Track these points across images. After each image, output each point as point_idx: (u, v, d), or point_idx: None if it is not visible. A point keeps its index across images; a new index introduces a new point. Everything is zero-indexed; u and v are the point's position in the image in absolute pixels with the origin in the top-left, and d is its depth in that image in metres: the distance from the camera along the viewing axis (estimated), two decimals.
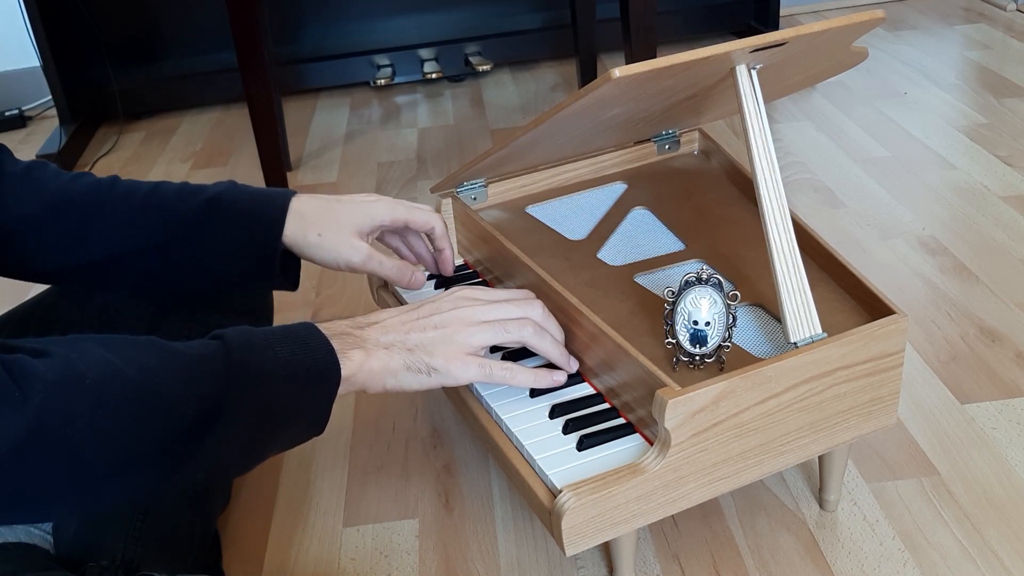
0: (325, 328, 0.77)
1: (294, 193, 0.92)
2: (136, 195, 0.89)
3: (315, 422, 0.75)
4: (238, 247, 0.90)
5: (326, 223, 0.91)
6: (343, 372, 0.75)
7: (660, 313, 0.89)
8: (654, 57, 0.97)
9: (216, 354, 0.69)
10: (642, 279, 0.96)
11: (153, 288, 0.94)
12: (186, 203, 0.89)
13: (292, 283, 0.96)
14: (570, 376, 0.87)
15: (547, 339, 0.85)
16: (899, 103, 1.93)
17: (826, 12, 2.55)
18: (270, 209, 0.91)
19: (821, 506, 0.95)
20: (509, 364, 0.84)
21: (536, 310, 0.85)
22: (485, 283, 1.04)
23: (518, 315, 0.84)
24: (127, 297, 0.95)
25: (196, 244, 0.89)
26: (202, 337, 0.73)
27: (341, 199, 0.94)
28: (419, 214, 0.96)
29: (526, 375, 0.85)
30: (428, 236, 1.00)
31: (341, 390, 0.75)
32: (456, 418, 1.13)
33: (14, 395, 0.59)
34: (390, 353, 0.79)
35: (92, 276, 0.91)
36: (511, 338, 0.83)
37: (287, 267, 0.94)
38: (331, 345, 0.75)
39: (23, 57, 2.27)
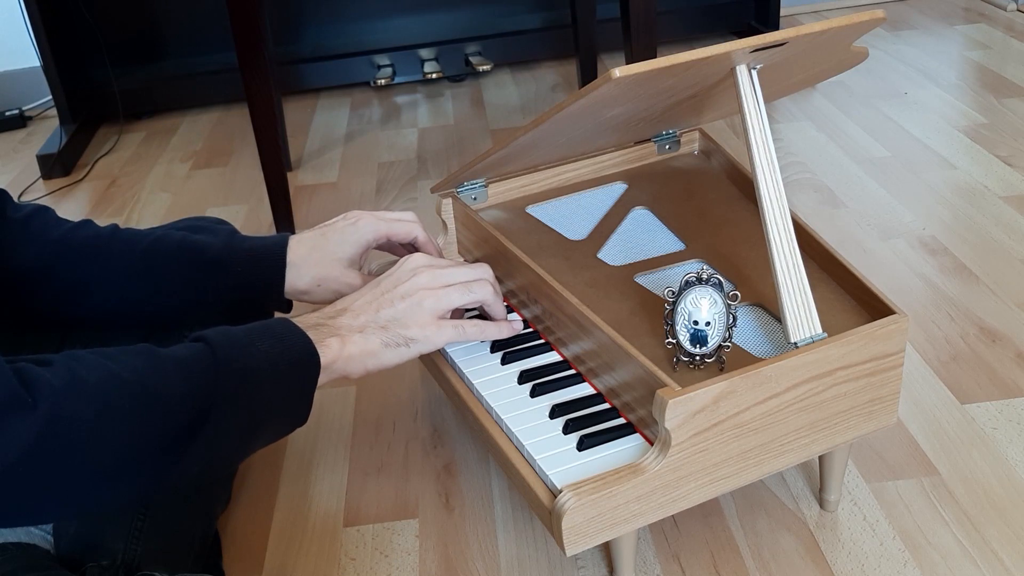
0: (299, 322, 0.79)
1: (286, 241, 0.95)
2: (135, 250, 0.92)
3: (298, 412, 0.78)
4: (239, 304, 0.95)
5: (319, 267, 0.95)
6: (322, 361, 0.78)
7: (660, 313, 0.89)
8: (654, 57, 0.97)
9: (203, 354, 0.72)
10: (642, 279, 0.96)
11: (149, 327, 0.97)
12: (186, 264, 0.92)
13: (287, 311, 1.00)
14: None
15: (499, 299, 0.91)
16: (899, 103, 1.93)
17: (826, 12, 2.55)
18: (268, 268, 0.94)
19: (821, 506, 0.95)
20: (478, 321, 0.89)
21: (487, 271, 0.90)
22: None
23: (475, 277, 0.88)
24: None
25: (197, 302, 0.93)
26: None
27: (327, 233, 0.96)
28: (399, 226, 0.98)
29: (493, 329, 0.90)
30: (413, 245, 1.01)
31: (322, 379, 0.78)
32: (456, 418, 1.13)
33: (26, 401, 0.61)
34: (365, 336, 0.81)
35: (93, 325, 0.94)
36: (474, 298, 0.87)
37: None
38: (308, 336, 0.77)
39: (23, 57, 2.27)
